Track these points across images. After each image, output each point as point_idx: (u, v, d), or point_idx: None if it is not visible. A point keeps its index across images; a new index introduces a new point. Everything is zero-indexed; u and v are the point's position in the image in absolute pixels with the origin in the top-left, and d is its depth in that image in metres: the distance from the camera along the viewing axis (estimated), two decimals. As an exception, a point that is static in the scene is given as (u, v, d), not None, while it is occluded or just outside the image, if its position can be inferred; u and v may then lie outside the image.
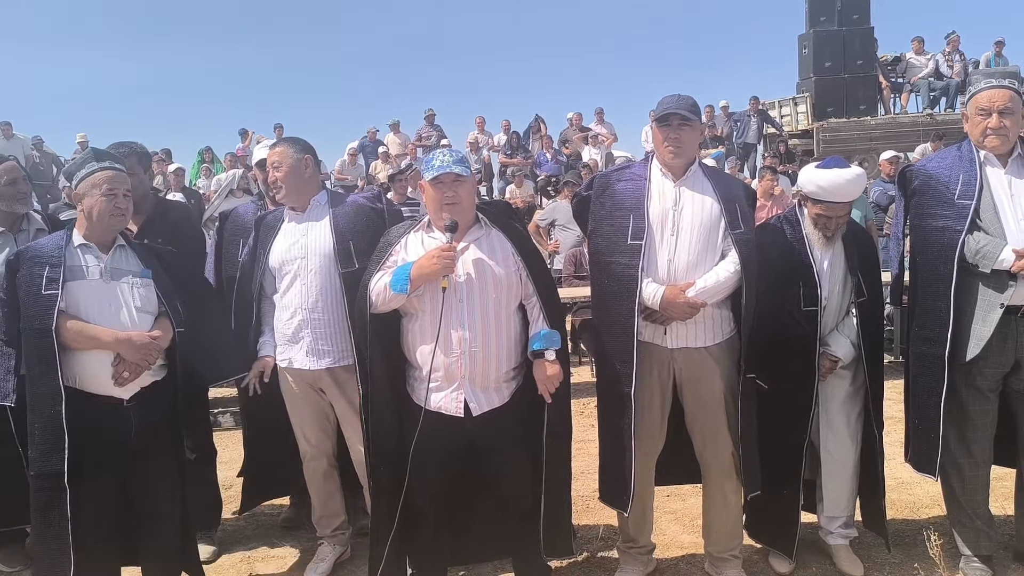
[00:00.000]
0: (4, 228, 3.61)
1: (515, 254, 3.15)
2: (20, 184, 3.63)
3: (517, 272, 3.12)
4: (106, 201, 3.06)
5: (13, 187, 3.60)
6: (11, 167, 3.64)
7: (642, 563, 3.51)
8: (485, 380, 3.09)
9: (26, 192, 3.68)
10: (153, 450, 3.12)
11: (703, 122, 3.32)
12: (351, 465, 3.67)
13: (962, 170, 3.28)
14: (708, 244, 3.18)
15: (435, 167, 3.07)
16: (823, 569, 3.56)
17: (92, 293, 3.04)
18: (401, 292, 3.02)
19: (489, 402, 3.12)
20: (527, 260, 3.16)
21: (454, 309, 3.04)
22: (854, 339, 3.45)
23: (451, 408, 3.10)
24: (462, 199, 3.08)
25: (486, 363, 3.07)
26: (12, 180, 3.60)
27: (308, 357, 3.49)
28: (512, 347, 3.14)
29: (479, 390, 3.10)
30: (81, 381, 3.02)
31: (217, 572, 3.77)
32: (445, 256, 2.97)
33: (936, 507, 3.93)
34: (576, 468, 4.87)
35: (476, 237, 3.15)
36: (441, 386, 3.11)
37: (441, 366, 3.07)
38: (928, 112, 15.39)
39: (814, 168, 3.44)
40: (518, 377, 3.18)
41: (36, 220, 3.73)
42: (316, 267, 3.46)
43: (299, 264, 3.49)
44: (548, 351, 3.09)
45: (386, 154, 14.80)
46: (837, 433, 3.48)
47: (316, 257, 3.47)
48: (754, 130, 15.74)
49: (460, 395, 3.09)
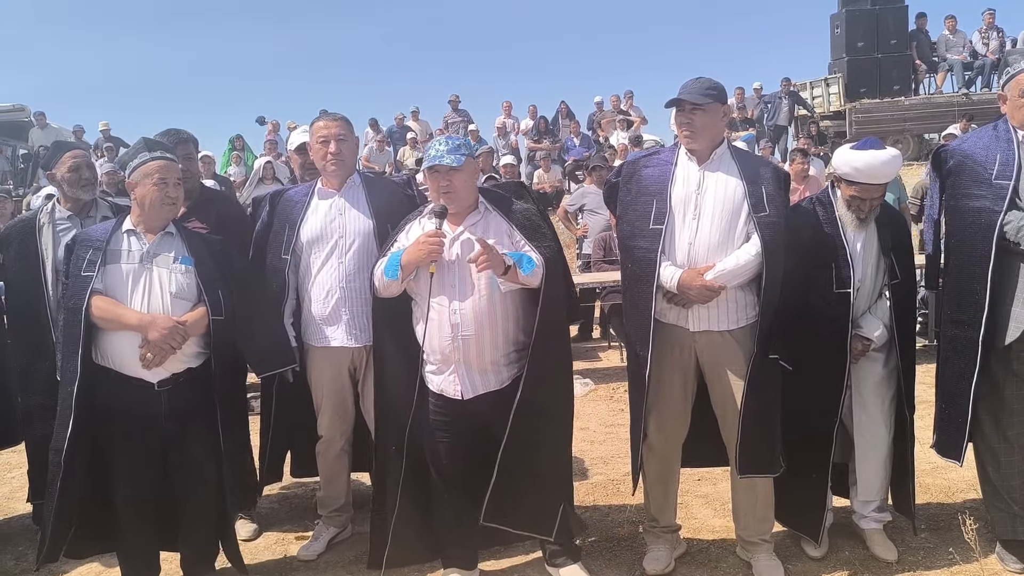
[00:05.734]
0: (72, 213, 3.72)
1: (512, 235, 3.17)
2: (84, 171, 3.74)
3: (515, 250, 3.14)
4: (157, 190, 3.14)
5: (76, 173, 3.72)
6: (75, 154, 3.76)
7: (668, 542, 3.51)
8: (481, 363, 3.13)
9: (90, 179, 3.79)
10: (187, 436, 3.17)
11: (726, 104, 3.28)
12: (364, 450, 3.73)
13: (999, 150, 3.21)
14: (730, 227, 3.16)
15: (429, 157, 3.13)
16: (856, 553, 3.53)
17: (127, 276, 3.11)
18: (392, 278, 3.12)
19: (485, 385, 3.16)
20: (530, 237, 3.18)
21: (446, 293, 3.10)
22: (887, 321, 3.40)
23: (449, 390, 3.18)
24: (456, 188, 3.13)
25: (479, 346, 3.11)
26: (76, 167, 3.71)
27: (348, 336, 3.53)
28: (509, 330, 3.16)
29: (475, 372, 3.14)
30: (113, 361, 3.10)
31: (253, 553, 3.82)
32: (431, 242, 3.03)
33: (972, 491, 3.89)
34: (606, 452, 4.98)
35: (473, 222, 3.19)
36: (440, 369, 3.19)
37: (437, 349, 3.14)
38: (964, 92, 15.09)
39: (849, 149, 3.39)
40: (520, 361, 3.19)
41: (104, 207, 3.85)
42: (356, 246, 3.51)
43: (336, 242, 3.53)
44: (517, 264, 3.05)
45: (414, 140, 14.83)
46: (871, 416, 3.44)
47: (355, 236, 3.53)
48: (785, 112, 15.57)
49: (456, 378, 3.15)
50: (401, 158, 14.54)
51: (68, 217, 3.72)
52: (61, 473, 3.04)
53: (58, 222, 3.73)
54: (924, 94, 15.74)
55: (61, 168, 3.74)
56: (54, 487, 3.06)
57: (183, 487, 3.23)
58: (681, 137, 3.25)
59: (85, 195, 3.75)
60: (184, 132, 3.88)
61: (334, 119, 3.64)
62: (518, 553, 3.64)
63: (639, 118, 15.34)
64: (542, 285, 3.11)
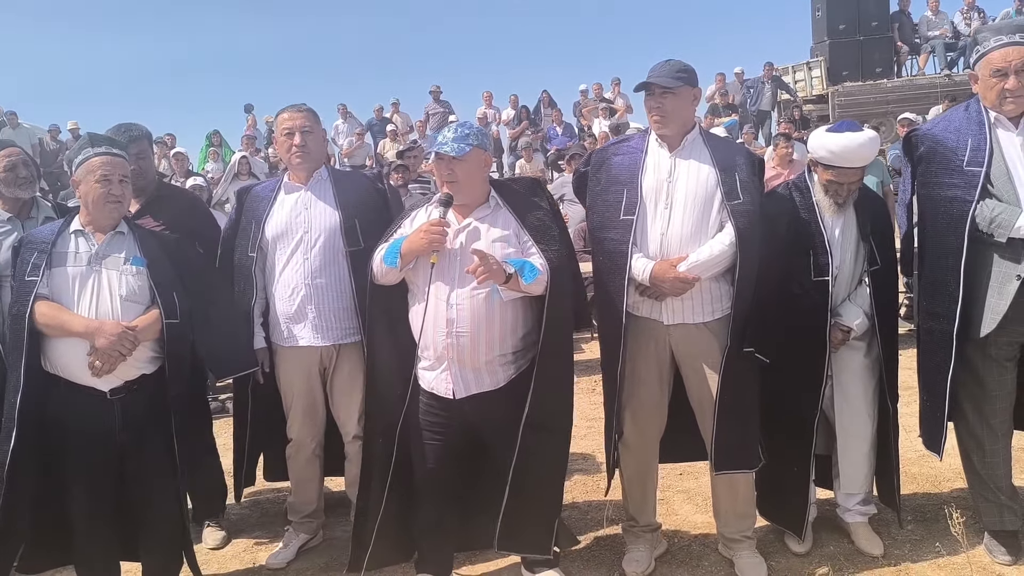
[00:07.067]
0: (12, 214, 3.59)
1: (520, 235, 3.04)
2: (20, 169, 3.58)
3: (518, 254, 3.00)
4: (100, 187, 3.01)
5: (12, 172, 3.55)
6: (10, 152, 3.60)
7: (647, 542, 3.41)
8: (475, 362, 3.00)
9: (27, 178, 3.62)
10: (143, 444, 3.04)
11: (697, 87, 3.16)
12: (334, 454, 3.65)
13: (970, 134, 3.08)
14: (703, 216, 3.06)
15: (436, 143, 3.03)
16: (841, 547, 3.44)
17: (73, 280, 2.98)
18: (391, 265, 3.01)
19: (479, 385, 3.03)
20: (538, 239, 3.04)
21: (444, 288, 2.97)
22: (867, 309, 3.31)
23: (441, 389, 3.05)
24: (459, 178, 3.00)
25: (474, 345, 2.97)
26: (11, 165, 3.56)
27: (315, 334, 3.43)
28: (507, 330, 3.02)
29: (468, 371, 3.01)
30: (62, 369, 2.97)
31: (222, 561, 3.72)
32: (433, 231, 2.91)
33: (959, 480, 3.80)
34: (587, 448, 4.88)
35: (481, 216, 3.07)
36: (433, 365, 3.06)
37: (430, 345, 3.02)
38: (946, 73, 15.04)
39: (824, 132, 3.30)
40: (517, 362, 3.07)
41: (45, 207, 3.72)
42: (321, 242, 3.41)
43: (301, 237, 3.42)
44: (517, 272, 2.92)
45: (394, 132, 14.69)
46: (853, 407, 3.35)
47: (321, 231, 3.42)
48: (768, 97, 15.52)
49: (448, 376, 3.02)
50: (381, 151, 14.37)
51: (8, 219, 3.56)
52: (3, 488, 2.91)
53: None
54: (907, 76, 15.69)
55: None
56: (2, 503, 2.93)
57: (141, 497, 3.10)
58: (651, 122, 3.13)
59: (23, 194, 3.60)
60: (137, 128, 3.71)
61: (298, 110, 3.53)
62: (494, 557, 3.52)
63: (624, 106, 15.21)
64: (546, 294, 2.97)
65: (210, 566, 3.62)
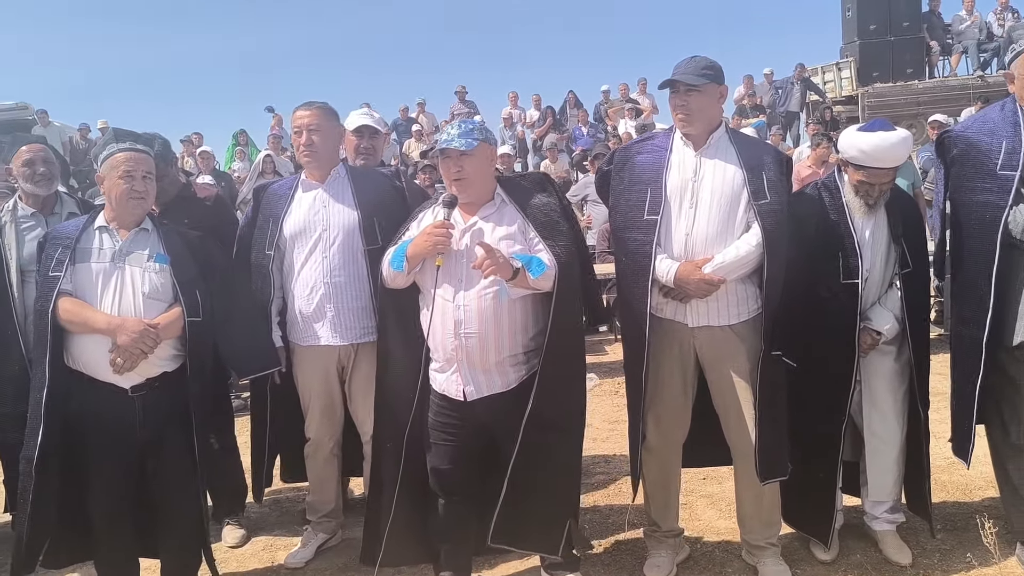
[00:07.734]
0: (35, 210, 3.60)
1: (527, 231, 2.98)
2: (37, 165, 3.60)
3: (525, 251, 2.94)
4: (124, 183, 3.00)
5: (29, 168, 3.58)
6: (30, 148, 3.63)
7: (670, 547, 3.36)
8: (485, 363, 2.95)
9: (45, 174, 3.63)
10: (164, 442, 3.04)
11: (723, 85, 3.09)
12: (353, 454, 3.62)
13: (1005, 136, 3.00)
14: (729, 216, 2.99)
15: (441, 140, 2.97)
16: (868, 556, 3.37)
17: (97, 276, 2.98)
18: (398, 269, 2.97)
19: (490, 386, 2.98)
20: (546, 235, 2.98)
21: (451, 289, 2.93)
22: (898, 313, 3.23)
23: (452, 391, 3.01)
24: (467, 174, 2.94)
25: (483, 346, 2.92)
26: (28, 162, 3.58)
27: (333, 333, 3.41)
28: (516, 330, 2.96)
29: (479, 373, 2.96)
30: (85, 366, 2.97)
31: (241, 559, 3.72)
32: (437, 233, 2.87)
33: (990, 488, 3.71)
34: (608, 450, 4.83)
35: (487, 214, 3.01)
36: (443, 367, 3.02)
37: (440, 347, 2.98)
38: (979, 74, 14.79)
39: (856, 131, 3.22)
40: (529, 363, 3.02)
41: (69, 203, 3.74)
42: (339, 240, 3.39)
43: (320, 236, 3.41)
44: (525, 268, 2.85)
45: (420, 132, 14.71)
46: (882, 413, 3.28)
47: (339, 230, 3.40)
48: (797, 98, 15.35)
49: (459, 378, 2.98)
50: (407, 151, 14.39)
51: (32, 215, 3.58)
52: (33, 483, 2.92)
53: (21, 220, 3.58)
54: (938, 77, 15.44)
55: (16, 162, 3.61)
56: (26, 497, 2.94)
57: (161, 495, 3.10)
58: (676, 120, 3.07)
59: (40, 190, 3.61)
60: (159, 136, 3.69)
61: (308, 108, 3.51)
62: (513, 559, 3.49)
63: (650, 107, 15.11)
64: (554, 289, 2.92)
65: (229, 564, 3.63)
